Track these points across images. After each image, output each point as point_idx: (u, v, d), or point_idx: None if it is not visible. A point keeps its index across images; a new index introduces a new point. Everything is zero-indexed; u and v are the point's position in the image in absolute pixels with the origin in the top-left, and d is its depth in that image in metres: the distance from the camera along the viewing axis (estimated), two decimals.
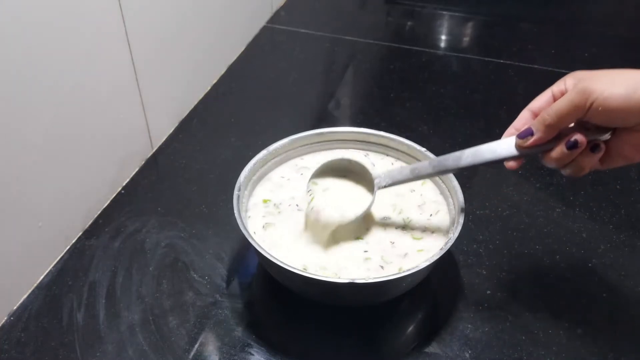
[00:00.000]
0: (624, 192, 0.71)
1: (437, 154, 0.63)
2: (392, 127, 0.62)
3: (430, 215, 0.60)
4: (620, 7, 1.19)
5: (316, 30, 1.05)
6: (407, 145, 0.65)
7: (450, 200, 0.59)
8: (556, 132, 0.47)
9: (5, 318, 0.56)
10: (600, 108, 0.44)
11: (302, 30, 1.05)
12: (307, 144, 0.66)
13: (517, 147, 0.49)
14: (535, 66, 0.94)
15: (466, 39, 1.09)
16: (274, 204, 0.61)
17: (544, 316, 0.57)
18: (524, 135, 0.48)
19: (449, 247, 0.52)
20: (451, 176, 0.59)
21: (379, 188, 0.57)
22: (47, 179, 0.58)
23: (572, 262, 0.62)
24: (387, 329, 0.56)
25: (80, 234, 0.65)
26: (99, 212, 0.67)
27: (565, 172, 0.49)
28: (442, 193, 0.61)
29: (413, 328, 0.57)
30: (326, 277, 0.50)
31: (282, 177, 0.64)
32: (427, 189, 0.62)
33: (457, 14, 1.14)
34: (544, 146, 0.48)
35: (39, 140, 0.56)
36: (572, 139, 0.46)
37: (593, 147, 0.47)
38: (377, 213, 0.60)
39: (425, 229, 0.58)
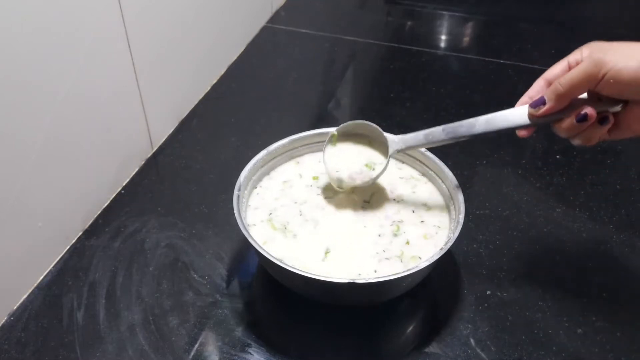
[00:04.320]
0: (624, 192, 0.71)
1: (437, 154, 0.63)
2: (392, 127, 0.62)
3: (434, 225, 0.59)
4: (620, 7, 1.19)
5: (316, 30, 1.05)
6: None
7: (450, 200, 0.59)
8: (568, 102, 0.48)
9: (5, 318, 0.56)
10: (612, 80, 0.44)
11: (302, 30, 1.05)
12: (307, 144, 0.66)
13: (530, 116, 0.50)
14: (535, 66, 0.94)
15: (466, 39, 1.09)
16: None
17: (544, 316, 0.57)
18: (536, 104, 0.49)
19: (449, 247, 0.52)
20: (451, 176, 0.59)
21: (393, 152, 0.59)
22: (47, 179, 0.58)
23: (572, 262, 0.62)
24: (387, 329, 0.56)
25: (80, 234, 0.65)
26: (99, 212, 0.67)
27: (575, 142, 0.50)
28: (442, 193, 0.61)
29: (413, 328, 0.57)
30: (326, 277, 0.50)
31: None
32: (427, 189, 0.62)
33: (457, 14, 1.14)
34: (555, 115, 0.49)
35: (40, 141, 0.56)
36: (582, 112, 0.47)
37: (602, 119, 0.47)
38: (379, 214, 0.60)
39: (425, 229, 0.58)
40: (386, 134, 0.60)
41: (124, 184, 0.71)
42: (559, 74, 0.50)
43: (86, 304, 0.57)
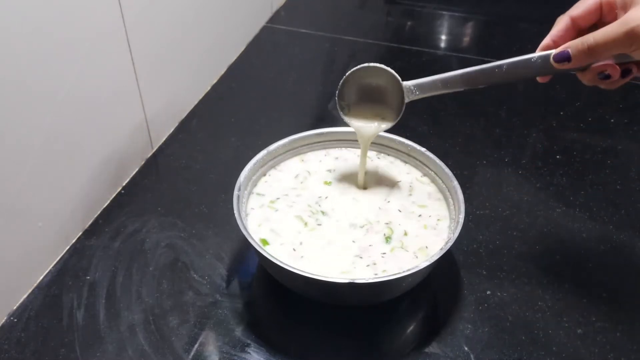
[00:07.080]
0: (624, 192, 0.71)
1: (437, 154, 0.63)
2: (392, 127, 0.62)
3: (430, 216, 0.60)
4: None
5: (316, 30, 1.05)
6: (407, 145, 0.65)
7: (450, 200, 0.59)
8: (593, 61, 0.46)
9: (5, 318, 0.56)
10: None
11: (302, 30, 1.05)
12: (307, 144, 0.66)
13: (552, 66, 0.49)
14: None
15: (466, 39, 1.09)
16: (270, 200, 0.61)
17: (544, 316, 0.57)
18: (560, 59, 0.48)
19: (449, 247, 0.52)
20: (451, 176, 0.59)
21: (409, 100, 0.57)
22: (47, 179, 0.58)
23: (572, 262, 0.62)
24: (387, 329, 0.56)
25: (80, 234, 0.65)
26: (99, 212, 0.67)
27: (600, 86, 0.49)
28: (442, 193, 0.61)
29: (413, 328, 0.57)
30: (326, 277, 0.50)
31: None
32: (427, 189, 0.62)
33: (457, 14, 1.14)
34: (578, 68, 0.48)
35: (39, 140, 0.56)
36: (606, 72, 0.46)
37: (624, 72, 0.46)
38: (378, 218, 0.60)
39: (425, 229, 0.58)
40: (402, 81, 0.57)
41: (124, 184, 0.71)
42: (586, 16, 0.48)
43: (86, 304, 0.57)
